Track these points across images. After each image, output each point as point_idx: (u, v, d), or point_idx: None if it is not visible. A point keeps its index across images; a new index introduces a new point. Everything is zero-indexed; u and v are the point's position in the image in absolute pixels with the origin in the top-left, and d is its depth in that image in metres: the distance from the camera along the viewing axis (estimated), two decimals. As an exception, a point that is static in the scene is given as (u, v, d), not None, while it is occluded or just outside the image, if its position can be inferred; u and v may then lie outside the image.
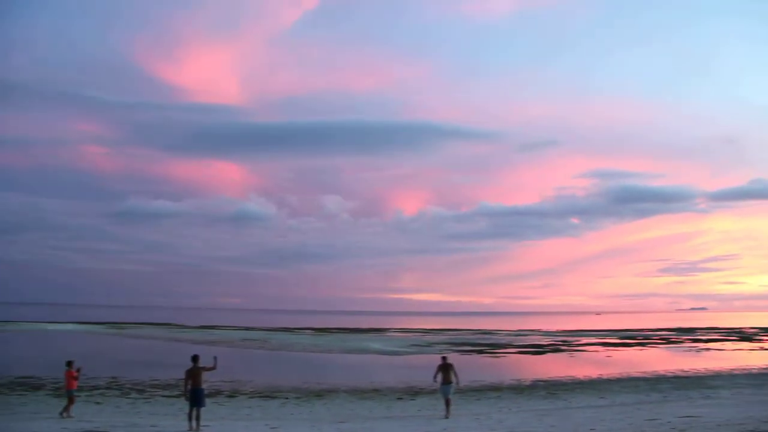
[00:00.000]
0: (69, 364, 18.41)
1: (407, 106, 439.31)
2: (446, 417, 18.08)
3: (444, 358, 19.90)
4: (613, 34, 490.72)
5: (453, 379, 18.97)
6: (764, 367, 36.32)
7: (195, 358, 15.52)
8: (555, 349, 54.43)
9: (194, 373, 15.27)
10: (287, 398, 24.14)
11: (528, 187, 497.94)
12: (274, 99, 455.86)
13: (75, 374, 18.26)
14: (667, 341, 65.49)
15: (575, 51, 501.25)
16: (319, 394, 25.39)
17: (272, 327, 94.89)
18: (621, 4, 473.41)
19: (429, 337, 73.27)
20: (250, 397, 24.38)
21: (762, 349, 53.70)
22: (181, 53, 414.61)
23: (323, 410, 21.21)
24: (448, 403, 18.71)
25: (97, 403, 21.93)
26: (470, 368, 37.22)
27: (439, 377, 19.08)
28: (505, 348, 55.29)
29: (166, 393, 24.91)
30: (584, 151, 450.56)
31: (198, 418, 15.06)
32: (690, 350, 52.96)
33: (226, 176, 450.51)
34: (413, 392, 25.70)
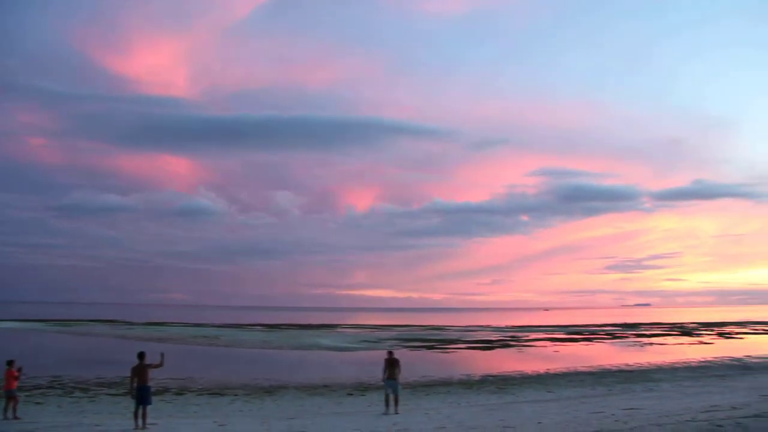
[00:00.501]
0: (9, 363, 17.87)
1: (360, 102, 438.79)
2: (394, 413, 17.91)
3: (390, 353, 19.71)
4: (566, 36, 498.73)
5: (396, 374, 18.72)
6: (703, 360, 37.44)
7: (141, 356, 15.24)
8: (504, 344, 55.13)
9: (140, 371, 15.00)
10: (236, 395, 23.85)
11: (479, 184, 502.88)
12: (225, 92, 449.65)
13: (16, 374, 17.74)
14: (613, 336, 66.90)
15: (529, 51, 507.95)
16: (269, 390, 25.18)
17: (222, 324, 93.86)
18: (575, 6, 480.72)
19: (379, 333, 73.40)
20: (198, 395, 24.02)
21: (701, 343, 55.34)
22: (130, 43, 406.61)
23: (272, 407, 21.04)
24: (395, 400, 18.44)
25: (38, 403, 21.30)
26: (420, 364, 37.44)
27: (386, 373, 18.80)
28: (455, 344, 55.76)
29: (112, 391, 24.37)
30: (535, 150, 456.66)
31: (144, 416, 14.80)
32: (634, 345, 54.22)
33: (175, 170, 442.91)
34: (363, 388, 25.70)
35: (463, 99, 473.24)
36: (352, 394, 24.21)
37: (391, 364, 18.79)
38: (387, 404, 18.40)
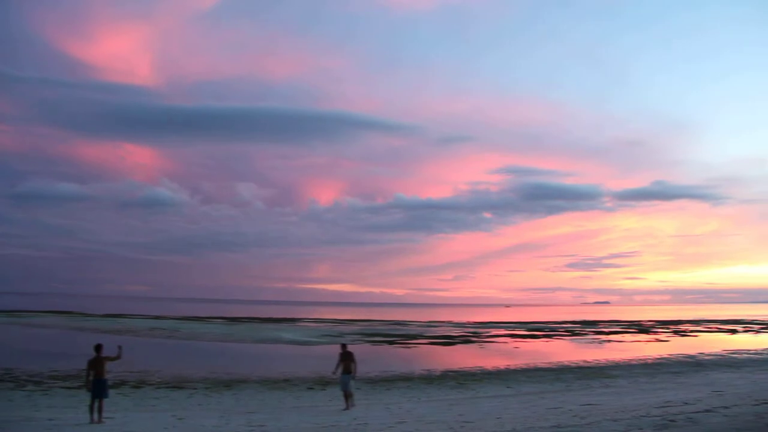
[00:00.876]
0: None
1: (325, 95, 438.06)
2: (347, 408, 17.65)
3: (344, 346, 18.79)
4: (532, 36, 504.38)
5: (353, 368, 18.03)
6: (658, 357, 38.21)
7: (98, 348, 14.98)
8: (465, 340, 55.52)
9: (97, 363, 14.75)
10: (195, 389, 23.61)
11: (443, 180, 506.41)
12: (189, 82, 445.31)
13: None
14: (572, 333, 67.89)
15: (495, 49, 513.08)
16: (228, 384, 24.96)
17: (182, 316, 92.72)
18: (541, 6, 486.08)
19: (341, 328, 73.34)
20: (156, 388, 23.70)
21: (657, 340, 56.48)
22: (93, 29, 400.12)
23: (232, 400, 20.88)
24: (346, 396, 17.93)
25: (-10, 395, 20.81)
26: (381, 359, 37.53)
27: (339, 367, 18.12)
28: (417, 339, 55.97)
29: (67, 384, 23.87)
30: (499, 148, 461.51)
31: (100, 410, 14.55)
32: (593, 342, 55.11)
33: (137, 160, 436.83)
34: (324, 382, 25.61)
35: (428, 95, 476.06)
36: (312, 389, 24.15)
37: (345, 357, 18.10)
38: (347, 399, 18.06)
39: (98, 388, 14.55)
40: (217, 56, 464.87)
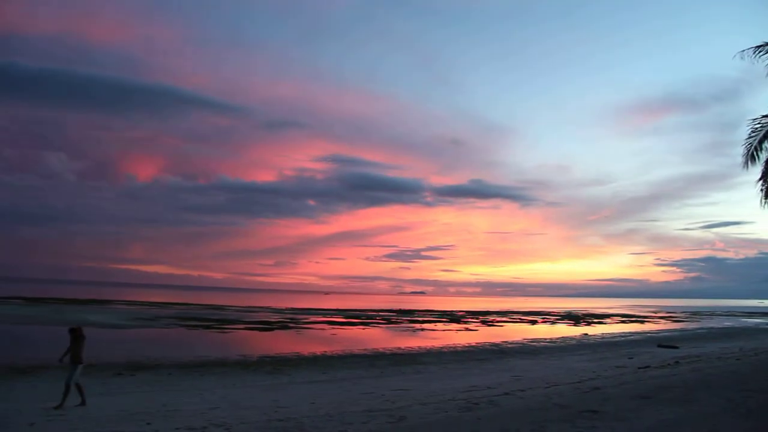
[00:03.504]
0: None
1: (151, 66, 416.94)
2: (83, 404, 14.89)
3: (75, 329, 15.49)
4: (367, 31, 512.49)
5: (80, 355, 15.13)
6: (467, 345, 40.39)
7: None
8: (283, 326, 55.34)
9: None
10: (-16, 375, 21.47)
11: (269, 165, 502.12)
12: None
13: None
14: (388, 321, 69.83)
15: (331, 39, 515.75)
16: (24, 370, 22.91)
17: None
18: (378, 4, 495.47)
19: (156, 311, 70.38)
20: (-63, 374, 21.29)
21: (467, 329, 59.70)
22: None
23: (27, 388, 19.20)
24: (78, 389, 15.01)
25: None
26: (197, 344, 36.50)
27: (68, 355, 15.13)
28: (234, 324, 54.96)
29: None
30: (327, 136, 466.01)
31: None
32: (407, 330, 57.06)
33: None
34: (134, 367, 24.40)
35: (260, 78, 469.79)
36: (121, 374, 22.82)
37: (77, 341, 15.19)
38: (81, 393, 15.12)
39: None
40: (32, 8, 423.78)
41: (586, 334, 52.14)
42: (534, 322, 75.33)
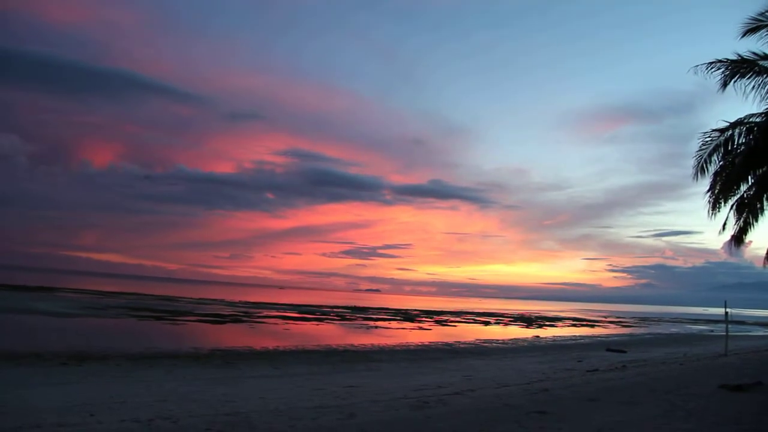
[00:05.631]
0: None
1: (110, 51, 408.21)
2: None
3: None
4: (332, 26, 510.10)
5: None
6: (420, 344, 40.57)
7: None
8: (236, 319, 54.83)
9: None
10: None
11: (227, 156, 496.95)
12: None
13: None
14: (343, 318, 69.77)
15: (295, 31, 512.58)
16: (-37, 358, 22.21)
17: None
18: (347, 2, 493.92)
19: (106, 300, 69.09)
20: None
21: (421, 328, 59.96)
22: None
23: (-34, 376, 18.61)
24: None
25: None
26: (147, 335, 35.93)
27: None
28: (186, 315, 54.26)
29: None
30: (287, 130, 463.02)
31: None
32: (361, 327, 57.07)
33: None
34: (81, 358, 23.85)
35: (223, 67, 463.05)
36: (66, 364, 22.29)
37: None
38: None
39: None
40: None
41: (537, 337, 52.89)
42: (487, 323, 76.01)
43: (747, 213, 22.57)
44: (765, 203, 22.13)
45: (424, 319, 79.40)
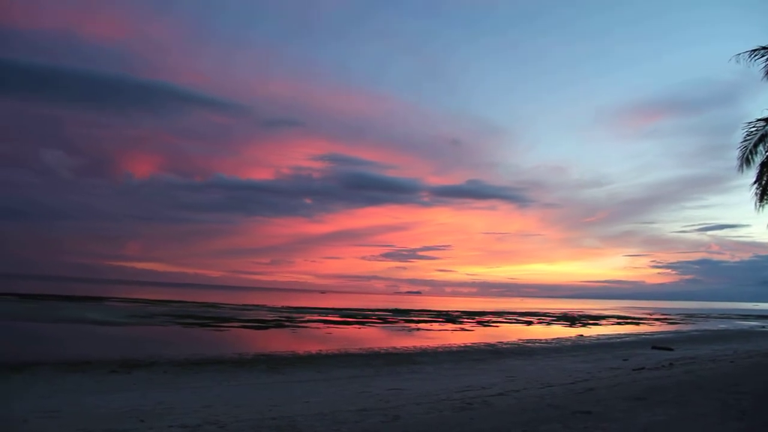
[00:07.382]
0: None
1: (149, 63, 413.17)
2: None
3: None
4: (366, 29, 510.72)
5: None
6: (462, 345, 40.39)
7: None
8: (278, 324, 55.31)
9: None
10: (-22, 371, 21.43)
11: (265, 163, 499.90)
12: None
13: None
14: (384, 321, 69.78)
15: (331, 36, 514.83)
16: (18, 368, 22.88)
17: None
18: (380, 1, 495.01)
19: (152, 308, 70.33)
20: (-69, 370, 21.24)
21: (462, 330, 59.70)
22: None
23: (21, 385, 19.20)
24: None
25: None
26: (192, 341, 36.47)
27: None
28: (229, 322, 54.92)
29: None
30: (324, 135, 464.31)
31: None
32: (403, 330, 57.03)
33: None
34: (130, 365, 24.38)
35: (257, 74, 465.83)
36: (116, 372, 22.84)
37: None
38: None
39: None
40: (29, 4, 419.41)
41: (581, 336, 52.22)
42: (529, 323, 75.29)
43: (796, 204, 22.00)
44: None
45: (465, 320, 78.97)
